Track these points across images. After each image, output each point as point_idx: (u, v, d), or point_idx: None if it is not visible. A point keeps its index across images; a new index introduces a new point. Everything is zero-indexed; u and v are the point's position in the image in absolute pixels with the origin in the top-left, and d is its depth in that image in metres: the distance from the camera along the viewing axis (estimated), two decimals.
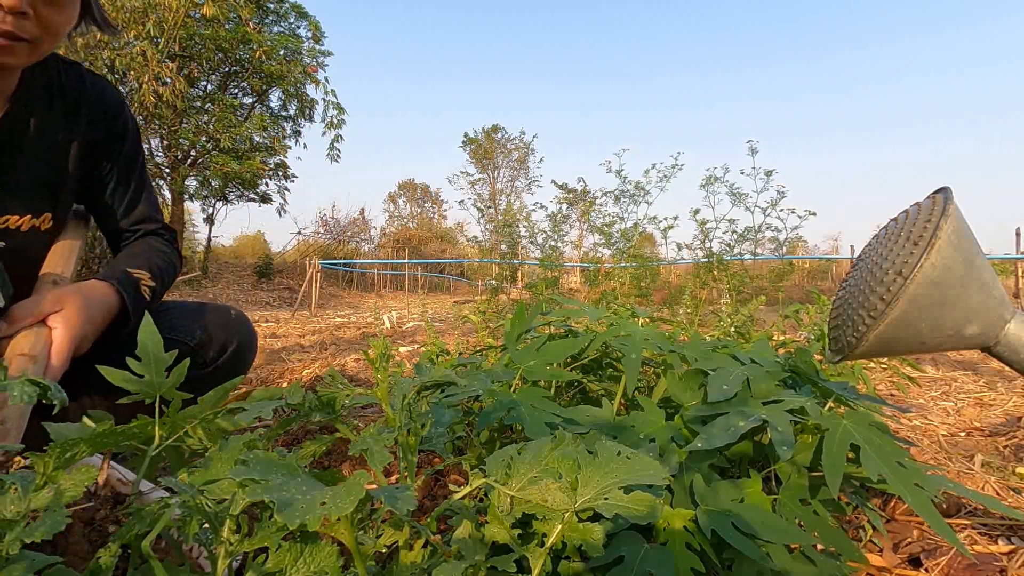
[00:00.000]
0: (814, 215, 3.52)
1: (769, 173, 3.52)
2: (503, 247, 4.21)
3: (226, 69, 13.03)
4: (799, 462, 0.79)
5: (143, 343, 0.61)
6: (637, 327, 1.10)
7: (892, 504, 1.02)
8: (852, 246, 12.43)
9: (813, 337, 1.37)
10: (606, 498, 0.47)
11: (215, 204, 14.36)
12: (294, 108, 14.58)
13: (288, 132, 14.53)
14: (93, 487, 0.58)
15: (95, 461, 0.60)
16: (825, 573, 0.67)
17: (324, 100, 13.56)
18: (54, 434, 0.51)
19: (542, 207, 4.16)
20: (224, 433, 0.63)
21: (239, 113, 13.14)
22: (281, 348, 3.52)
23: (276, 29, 13.57)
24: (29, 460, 0.45)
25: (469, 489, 0.53)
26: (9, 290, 0.84)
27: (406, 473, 0.60)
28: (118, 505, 0.57)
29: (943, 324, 0.63)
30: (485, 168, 30.52)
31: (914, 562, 0.85)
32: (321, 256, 15.10)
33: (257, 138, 13.09)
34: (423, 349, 2.44)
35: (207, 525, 0.46)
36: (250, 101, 13.97)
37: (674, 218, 3.72)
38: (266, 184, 14.32)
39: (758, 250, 3.83)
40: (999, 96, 67.29)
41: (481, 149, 30.15)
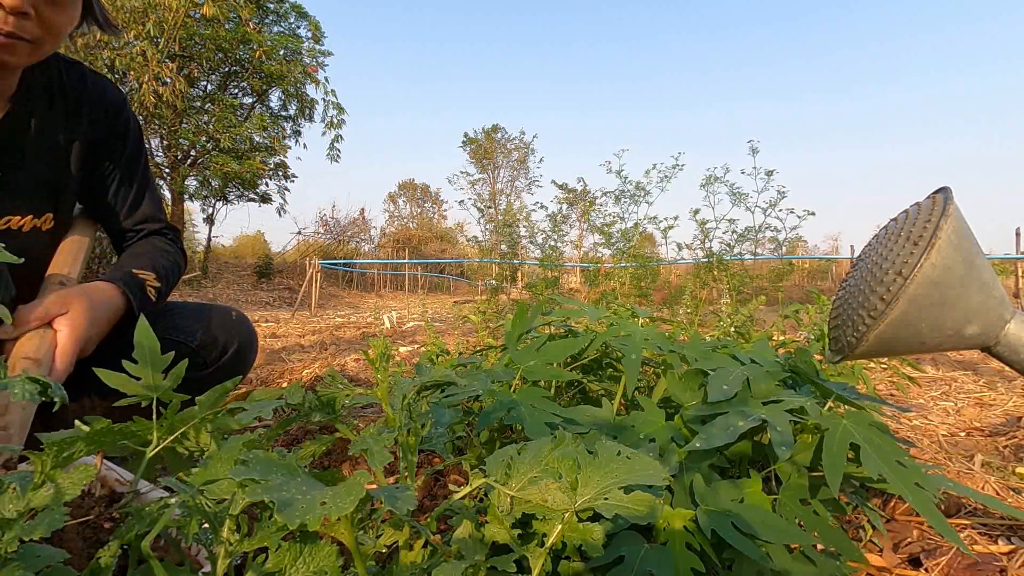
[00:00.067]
0: (813, 215, 3.53)
1: (770, 173, 3.53)
2: (503, 247, 4.21)
3: (226, 69, 13.02)
4: (799, 462, 0.79)
5: (139, 344, 0.61)
6: (637, 327, 1.10)
7: (892, 504, 1.02)
8: (852, 246, 12.45)
9: (813, 337, 1.37)
10: (606, 498, 0.47)
11: (215, 204, 14.37)
12: (294, 108, 14.58)
13: (288, 132, 14.54)
14: (88, 486, 0.58)
15: (89, 462, 0.60)
16: (825, 573, 0.67)
17: (324, 100, 13.59)
18: (46, 439, 0.51)
19: (542, 207, 4.16)
20: (224, 433, 0.63)
21: (239, 113, 13.14)
22: (281, 348, 3.51)
23: (276, 29, 13.57)
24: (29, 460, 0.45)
25: (469, 489, 0.53)
26: (11, 292, 0.84)
27: (406, 473, 0.60)
28: (114, 504, 0.57)
29: (943, 324, 0.63)
30: (485, 168, 30.52)
31: (914, 562, 0.85)
32: (321, 256, 15.10)
33: (257, 138, 13.09)
34: (423, 349, 2.44)
35: (207, 525, 0.46)
36: (250, 101, 13.97)
37: (674, 218, 3.72)
38: (266, 184, 14.33)
39: (758, 250, 3.83)
40: (999, 96, 67.38)
41: (481, 149, 30.14)
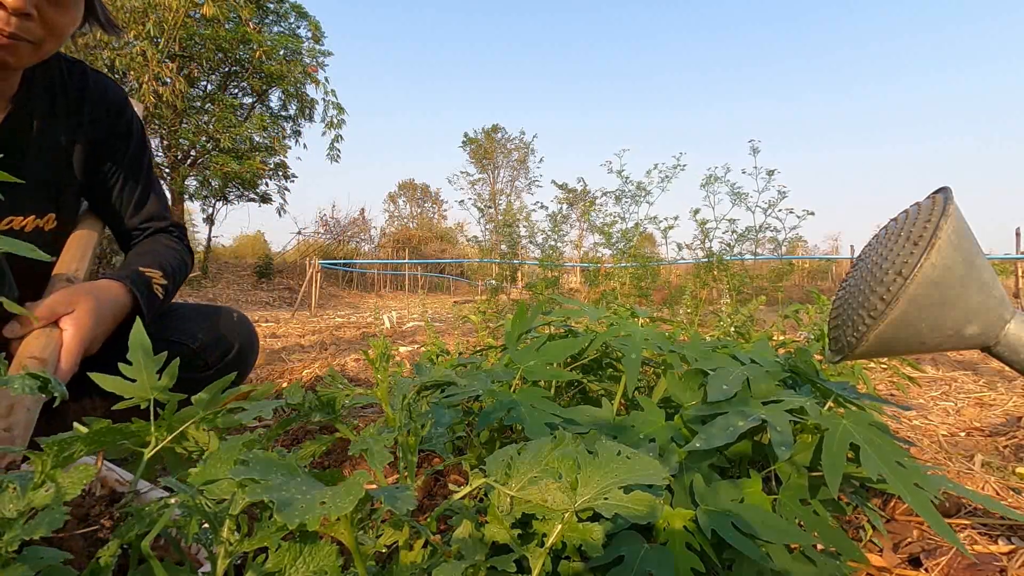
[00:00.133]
0: (812, 215, 3.53)
1: (771, 173, 3.53)
2: (503, 247, 4.22)
3: (226, 69, 13.02)
4: (799, 462, 0.79)
5: (133, 346, 0.60)
6: (637, 327, 1.10)
7: (892, 504, 1.02)
8: (852, 246, 12.45)
9: (813, 337, 1.37)
10: (606, 498, 0.47)
11: (215, 204, 14.37)
12: (294, 108, 14.58)
13: (288, 132, 14.54)
14: (88, 486, 0.58)
15: (89, 462, 0.60)
16: (825, 573, 0.67)
17: (324, 100, 13.59)
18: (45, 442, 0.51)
19: (542, 207, 4.16)
20: (223, 432, 0.63)
21: (239, 113, 13.14)
22: (281, 348, 3.51)
23: (276, 29, 13.56)
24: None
25: (469, 489, 0.53)
26: (14, 293, 0.83)
27: (406, 473, 0.60)
28: (114, 504, 0.57)
29: (943, 324, 0.63)
30: (485, 168, 30.51)
31: (914, 562, 0.85)
32: (321, 256, 15.10)
33: (257, 138, 13.09)
34: (423, 349, 2.44)
35: (207, 525, 0.46)
36: (250, 101, 13.97)
37: (674, 218, 3.73)
38: (266, 184, 14.33)
39: (758, 250, 3.83)
40: (999, 96, 67.40)
41: (481, 149, 30.13)
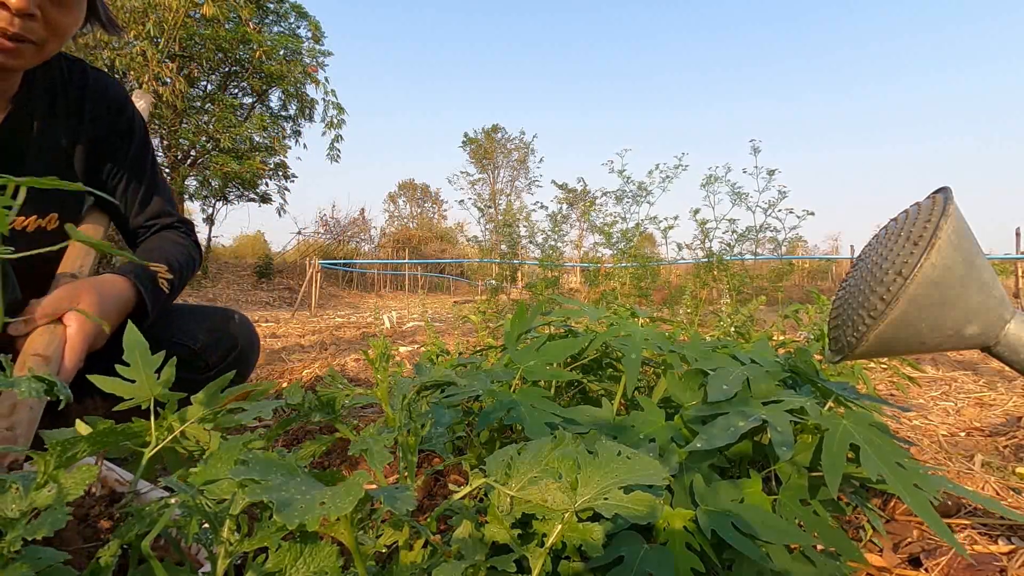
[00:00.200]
0: (812, 215, 3.53)
1: (771, 172, 3.53)
2: (503, 247, 4.21)
3: (226, 69, 13.02)
4: (799, 462, 0.79)
5: (129, 347, 0.60)
6: (637, 327, 1.10)
7: (892, 504, 1.02)
8: (852, 246, 12.45)
9: (813, 337, 1.37)
10: (606, 498, 0.47)
11: (215, 204, 14.38)
12: (294, 108, 14.58)
13: (288, 132, 14.54)
14: (89, 486, 0.58)
15: (91, 462, 0.60)
16: (825, 573, 0.67)
17: (324, 100, 13.58)
18: (49, 438, 0.51)
19: (542, 207, 4.16)
20: (223, 433, 0.63)
21: (239, 113, 13.14)
22: (281, 348, 3.51)
23: (276, 29, 13.56)
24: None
25: (469, 489, 0.53)
26: (16, 294, 0.83)
27: (406, 473, 0.60)
28: (114, 504, 0.57)
29: (943, 324, 0.63)
30: (485, 168, 30.51)
31: (914, 562, 0.85)
32: (321, 256, 15.09)
33: (257, 138, 13.09)
34: (423, 349, 2.43)
35: (207, 525, 0.46)
36: (250, 101, 13.97)
37: (674, 218, 3.73)
38: (266, 184, 14.34)
39: (758, 250, 3.83)
40: (999, 96, 67.35)
41: (481, 149, 30.13)
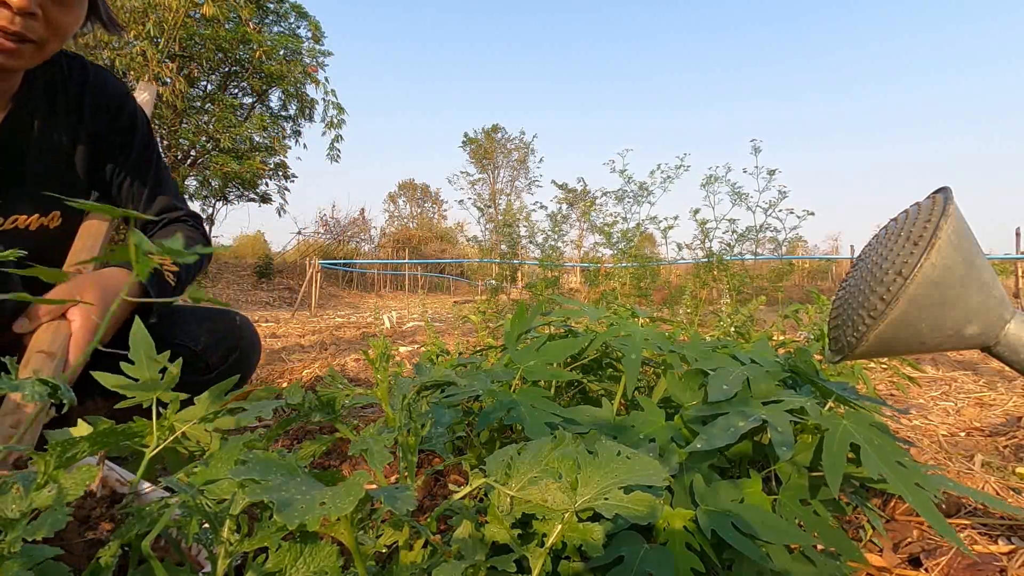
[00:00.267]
0: (812, 215, 3.53)
1: (772, 172, 3.53)
2: (503, 247, 4.21)
3: (226, 69, 13.01)
4: (799, 462, 0.79)
5: (135, 346, 0.60)
6: (637, 327, 1.10)
7: (892, 504, 1.02)
8: (852, 246, 12.45)
9: (813, 337, 1.37)
10: (606, 498, 0.47)
11: (215, 204, 14.37)
12: (294, 108, 14.57)
13: (288, 132, 14.52)
14: (89, 486, 0.58)
15: (91, 462, 0.60)
16: (825, 573, 0.67)
17: (324, 100, 13.55)
18: (52, 438, 0.51)
19: (542, 207, 4.16)
20: (224, 434, 0.63)
21: (239, 113, 13.13)
22: (281, 348, 3.51)
23: (276, 29, 13.55)
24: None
25: (469, 489, 0.53)
26: (20, 291, 0.83)
27: (406, 473, 0.60)
28: (115, 504, 0.57)
29: (943, 324, 0.63)
30: (485, 168, 30.51)
31: (914, 562, 0.85)
32: (321, 256, 15.09)
33: (257, 138, 13.08)
34: (423, 349, 2.43)
35: (207, 525, 0.46)
36: (250, 101, 13.95)
37: (674, 218, 3.72)
38: (266, 184, 14.32)
39: (758, 250, 3.83)
40: (999, 96, 67.31)
41: (481, 149, 30.14)
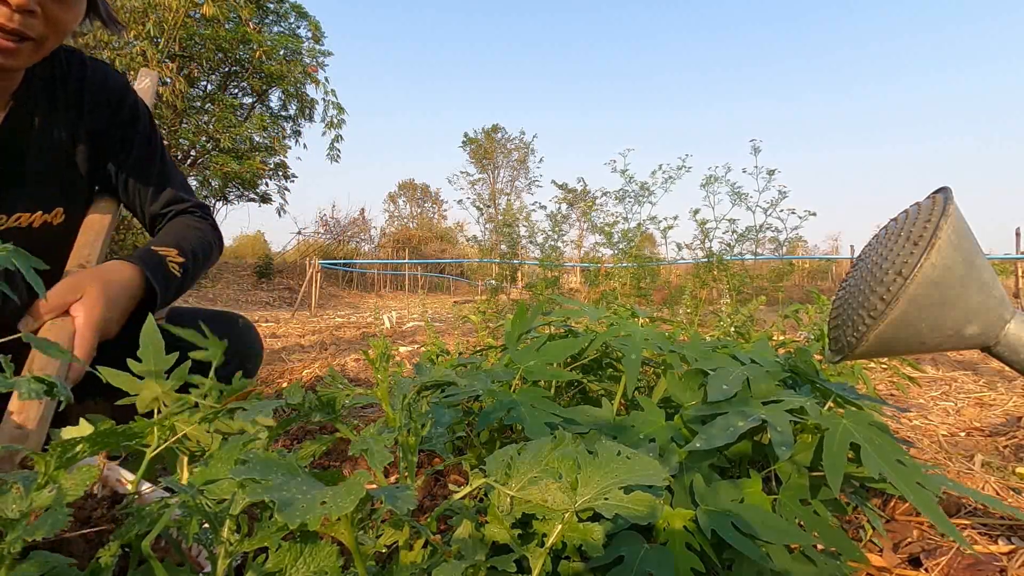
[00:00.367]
0: (814, 215, 3.53)
1: (771, 172, 3.53)
2: (503, 247, 4.21)
3: (226, 69, 13.01)
4: (799, 462, 0.79)
5: (144, 344, 0.61)
6: (637, 327, 1.10)
7: (892, 504, 1.02)
8: (852, 246, 12.45)
9: (813, 337, 1.37)
10: (606, 498, 0.47)
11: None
12: (294, 108, 14.56)
13: (288, 132, 14.51)
14: (90, 487, 0.58)
15: (92, 462, 0.60)
16: (825, 573, 0.67)
17: (324, 100, 13.55)
18: (56, 437, 0.51)
19: (542, 207, 4.17)
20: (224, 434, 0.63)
21: (239, 113, 13.12)
22: (281, 348, 3.51)
23: (276, 29, 13.54)
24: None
25: (469, 489, 0.53)
26: (23, 290, 0.83)
27: (406, 473, 0.60)
28: (115, 505, 0.57)
29: (943, 324, 0.63)
30: (485, 168, 30.52)
31: (914, 562, 0.85)
32: (321, 256, 15.09)
33: (257, 138, 13.07)
34: (423, 349, 2.43)
35: (207, 525, 0.46)
36: (250, 101, 13.95)
37: (674, 218, 3.72)
38: (266, 184, 14.32)
39: (758, 250, 3.83)
40: (999, 96, 67.29)
41: (481, 149, 30.15)
